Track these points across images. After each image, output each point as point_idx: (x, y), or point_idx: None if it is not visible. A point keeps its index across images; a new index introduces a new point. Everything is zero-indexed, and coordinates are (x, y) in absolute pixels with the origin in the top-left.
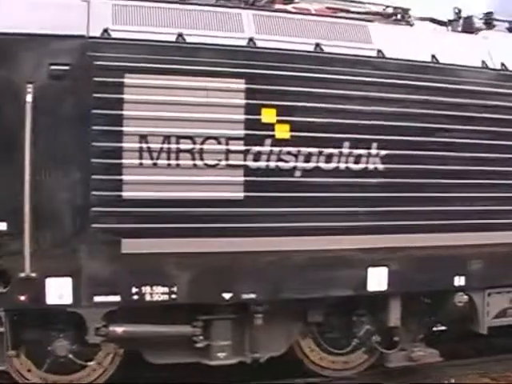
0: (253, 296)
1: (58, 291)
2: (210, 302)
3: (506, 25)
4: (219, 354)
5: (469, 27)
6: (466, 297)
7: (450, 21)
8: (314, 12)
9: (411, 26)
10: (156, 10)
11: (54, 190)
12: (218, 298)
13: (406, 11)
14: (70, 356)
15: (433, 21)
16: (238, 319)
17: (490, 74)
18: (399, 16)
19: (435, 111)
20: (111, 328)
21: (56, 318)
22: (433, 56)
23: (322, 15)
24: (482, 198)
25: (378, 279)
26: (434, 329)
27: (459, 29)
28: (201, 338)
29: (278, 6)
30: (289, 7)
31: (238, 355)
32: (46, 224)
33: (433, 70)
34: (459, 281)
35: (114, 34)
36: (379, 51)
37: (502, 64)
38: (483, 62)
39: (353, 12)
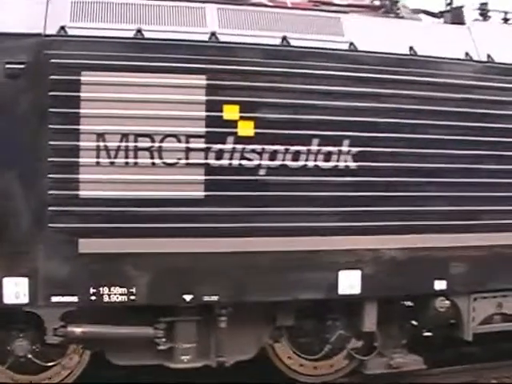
0: (215, 298)
1: (15, 291)
2: (170, 303)
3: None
4: (183, 357)
5: (458, 18)
6: (447, 302)
7: (441, 12)
8: (290, 5)
9: (400, 18)
10: (115, 6)
11: (10, 189)
12: (178, 300)
13: (394, 3)
14: (30, 356)
15: (426, 13)
16: (203, 322)
17: (475, 67)
18: (388, 8)
19: (412, 106)
20: (70, 328)
21: (16, 317)
22: (410, 48)
23: (291, 7)
24: (463, 198)
25: (349, 282)
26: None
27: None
28: (163, 340)
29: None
30: (265, 0)
31: (203, 358)
32: (2, 224)
33: (410, 63)
34: (440, 285)
35: (71, 32)
36: (351, 44)
37: (489, 56)
38: (467, 53)
39: (336, 4)
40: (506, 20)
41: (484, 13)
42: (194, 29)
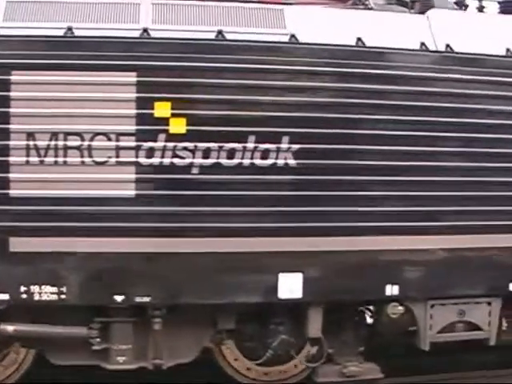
0: (147, 299)
1: None
2: (101, 304)
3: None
4: (119, 358)
5: (425, 7)
6: (401, 308)
7: (412, 1)
8: None
9: (369, 9)
10: (47, 5)
11: None
12: (109, 300)
13: None
14: None
15: (398, 3)
16: (139, 323)
17: (431, 58)
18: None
19: (358, 100)
20: (2, 326)
21: None
22: (359, 39)
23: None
24: (414, 197)
25: (290, 286)
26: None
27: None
28: (98, 340)
29: None
30: None
31: (140, 360)
32: None
33: (357, 55)
34: (391, 290)
35: (2, 32)
36: (292, 36)
37: (448, 45)
38: (423, 44)
39: None
40: (480, 8)
41: (460, 1)
42: (127, 25)
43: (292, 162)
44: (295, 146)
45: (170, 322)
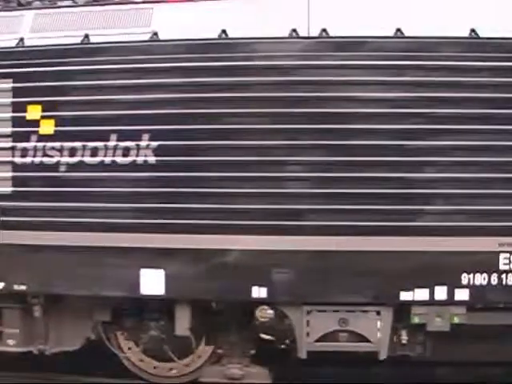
0: (23, 288)
1: None
2: None
3: None
4: (9, 341)
5: None
6: (271, 312)
7: None
8: None
9: None
10: None
11: None
12: None
13: None
14: None
15: None
16: (24, 309)
17: (303, 44)
18: None
19: (222, 94)
20: None
21: None
22: (223, 31)
23: (102, 4)
24: (274, 195)
25: (152, 282)
26: None
27: None
28: None
29: None
30: None
31: (28, 345)
32: None
33: (218, 48)
34: (259, 292)
35: None
36: (154, 34)
37: (324, 30)
38: (294, 30)
39: None
40: None
41: None
42: (7, 36)
43: (151, 158)
44: (154, 143)
45: (51, 311)
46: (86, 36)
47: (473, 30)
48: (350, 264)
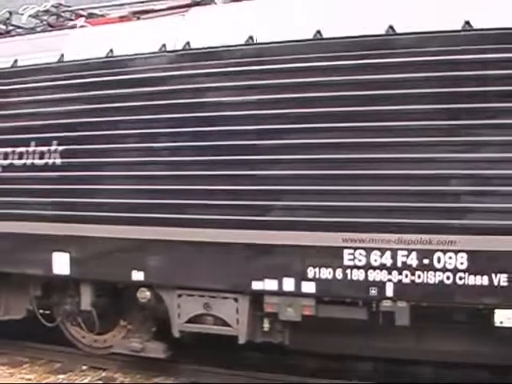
0: None
1: None
2: None
3: None
4: None
5: None
6: (148, 293)
7: None
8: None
9: None
10: None
11: None
12: None
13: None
14: None
15: None
16: None
17: (168, 58)
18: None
19: (102, 105)
20: None
21: None
22: (111, 50)
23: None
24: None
25: (60, 263)
26: None
27: None
28: None
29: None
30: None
31: None
32: None
33: (107, 65)
34: (138, 275)
35: None
36: (62, 55)
37: (188, 43)
38: (164, 45)
39: (155, 10)
40: None
41: None
42: None
43: (58, 160)
44: (60, 148)
45: (2, 285)
46: (16, 61)
47: (318, 32)
48: (211, 253)
